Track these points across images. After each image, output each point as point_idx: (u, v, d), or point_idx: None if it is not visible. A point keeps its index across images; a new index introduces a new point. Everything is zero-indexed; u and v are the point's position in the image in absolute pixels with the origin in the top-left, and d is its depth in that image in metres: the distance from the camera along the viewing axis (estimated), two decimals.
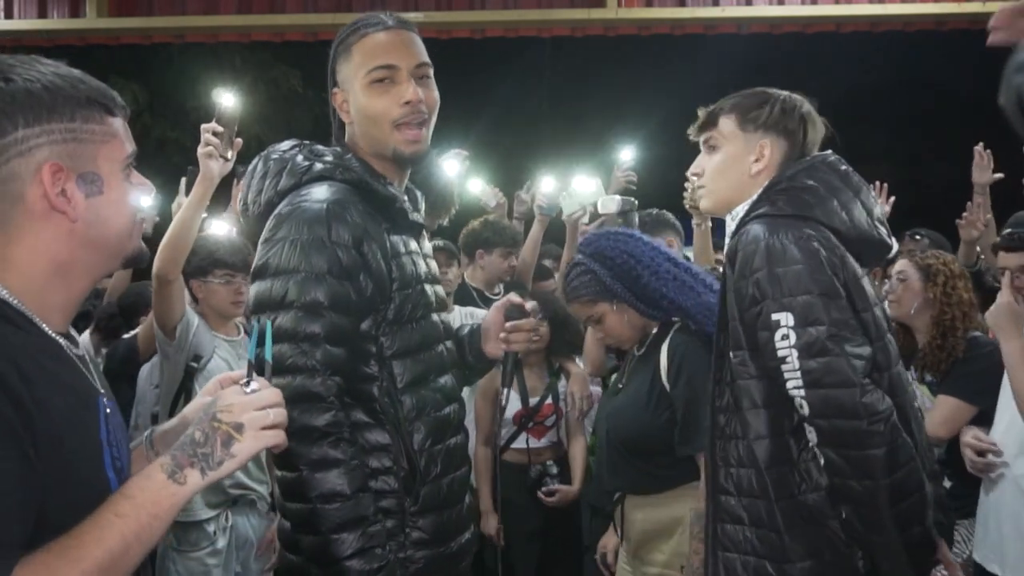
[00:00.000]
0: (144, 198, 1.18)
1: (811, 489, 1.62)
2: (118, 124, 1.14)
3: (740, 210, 1.77)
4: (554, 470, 3.25)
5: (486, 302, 3.67)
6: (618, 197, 3.14)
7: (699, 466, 2.14)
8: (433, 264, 1.84)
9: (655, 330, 2.33)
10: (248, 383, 1.11)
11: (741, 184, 1.79)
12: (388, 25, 1.66)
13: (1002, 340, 2.23)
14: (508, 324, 1.83)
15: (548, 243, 4.47)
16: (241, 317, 3.01)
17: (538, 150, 9.17)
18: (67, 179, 1.07)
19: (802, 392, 1.56)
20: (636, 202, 3.17)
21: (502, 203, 4.14)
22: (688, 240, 3.58)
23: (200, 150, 2.41)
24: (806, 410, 1.56)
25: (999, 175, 3.75)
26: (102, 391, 1.13)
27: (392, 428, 1.61)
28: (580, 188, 3.56)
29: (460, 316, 3.55)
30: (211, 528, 2.74)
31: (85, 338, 3.62)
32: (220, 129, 2.41)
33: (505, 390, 1.89)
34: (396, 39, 1.66)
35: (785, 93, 1.82)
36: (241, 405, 1.09)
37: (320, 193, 1.59)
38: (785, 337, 1.57)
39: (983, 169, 3.79)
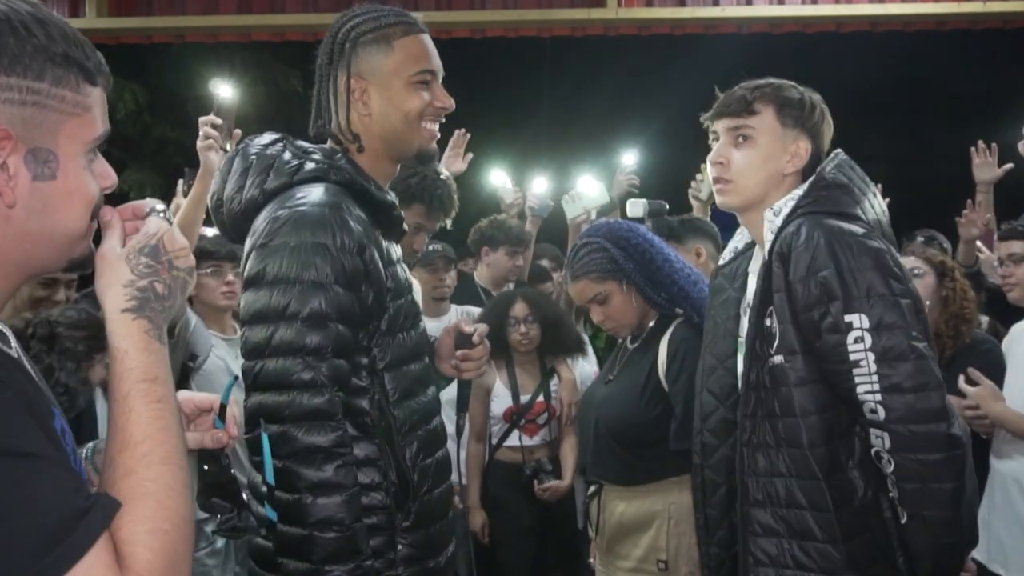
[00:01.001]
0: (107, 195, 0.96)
1: (859, 497, 1.57)
2: (96, 97, 0.92)
3: (782, 206, 1.68)
4: (549, 467, 3.26)
5: None
6: (644, 200, 3.13)
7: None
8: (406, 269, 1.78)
9: (652, 323, 2.34)
10: (163, 212, 0.98)
11: (772, 183, 1.71)
12: (423, 29, 1.64)
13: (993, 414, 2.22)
14: (458, 353, 1.77)
15: (547, 243, 4.47)
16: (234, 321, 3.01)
17: (538, 150, 9.18)
18: (13, 151, 0.84)
19: (878, 397, 1.49)
20: (667, 205, 3.14)
21: (518, 201, 4.14)
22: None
23: (200, 143, 2.41)
24: (881, 415, 1.49)
25: (1008, 165, 3.72)
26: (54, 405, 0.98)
27: (383, 442, 1.53)
28: (585, 191, 3.56)
29: (457, 315, 3.56)
30: (209, 528, 2.74)
31: None
32: (219, 121, 2.41)
33: (464, 414, 1.89)
34: (430, 43, 1.64)
35: (812, 92, 1.75)
36: (186, 247, 0.97)
37: (317, 196, 1.49)
38: (859, 340, 1.49)
39: (984, 167, 3.77)
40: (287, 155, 1.58)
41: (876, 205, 1.69)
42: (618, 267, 2.25)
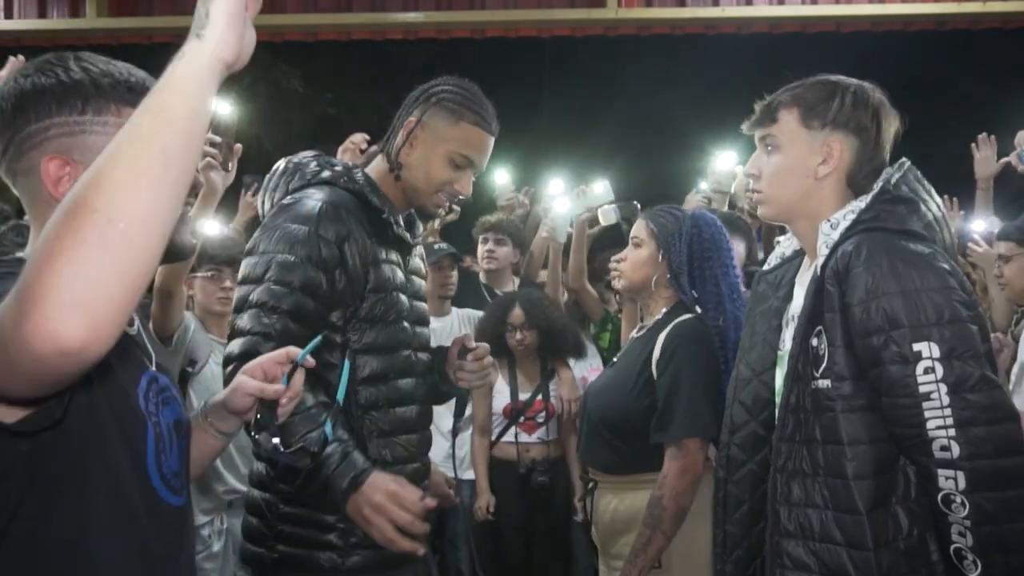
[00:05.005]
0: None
1: (903, 537, 1.45)
2: None
3: (840, 219, 1.54)
4: (543, 467, 3.29)
5: None
6: (614, 206, 3.16)
7: (669, 455, 2.16)
8: (418, 281, 1.97)
9: (660, 315, 2.33)
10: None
11: (806, 189, 1.60)
12: (492, 131, 1.87)
13: None
14: (456, 363, 1.96)
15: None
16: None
17: (537, 150, 9.18)
18: (75, 172, 1.04)
19: (951, 432, 1.36)
20: (637, 204, 3.17)
21: (515, 203, 4.17)
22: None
23: (200, 164, 2.39)
24: (955, 452, 1.36)
25: (1006, 159, 3.72)
26: (150, 367, 1.16)
27: (345, 411, 1.73)
28: (590, 189, 3.57)
29: (458, 318, 3.58)
30: (206, 532, 2.73)
31: None
32: (218, 140, 2.39)
33: (459, 419, 2.05)
34: (489, 145, 1.88)
35: (855, 82, 1.62)
36: None
37: (319, 194, 1.78)
38: (929, 371, 1.37)
39: (984, 162, 3.78)
40: (313, 164, 1.87)
41: (938, 215, 1.57)
42: (670, 239, 2.29)
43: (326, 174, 1.84)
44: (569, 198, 3.65)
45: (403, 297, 1.86)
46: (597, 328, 3.88)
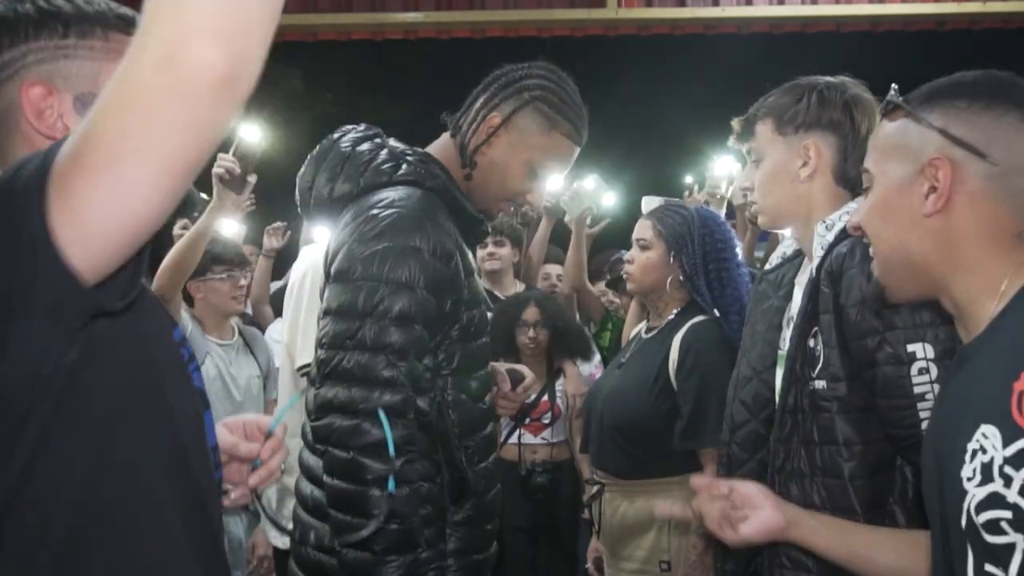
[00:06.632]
0: None
1: None
2: (128, 42, 0.98)
3: (836, 220, 1.54)
4: (543, 470, 3.27)
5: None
6: (660, 198, 3.13)
7: (700, 461, 2.16)
8: None
9: (672, 316, 2.32)
10: None
11: (794, 192, 1.61)
12: (583, 143, 1.70)
13: None
14: (503, 391, 1.81)
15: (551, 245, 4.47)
16: (237, 319, 3.02)
17: None
18: (60, 102, 0.94)
19: None
20: (681, 202, 3.15)
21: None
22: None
23: (215, 169, 2.34)
24: None
25: None
26: (178, 325, 1.11)
27: (439, 439, 1.55)
28: (582, 187, 3.57)
29: None
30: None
31: None
32: (234, 160, 2.32)
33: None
34: (573, 158, 1.70)
35: (825, 80, 1.62)
36: None
37: (414, 200, 1.53)
38: (924, 371, 1.37)
39: None
40: (383, 155, 1.62)
41: None
42: (681, 240, 2.25)
43: (405, 169, 1.59)
44: (562, 202, 3.64)
45: (485, 308, 1.69)
46: (597, 327, 3.88)
